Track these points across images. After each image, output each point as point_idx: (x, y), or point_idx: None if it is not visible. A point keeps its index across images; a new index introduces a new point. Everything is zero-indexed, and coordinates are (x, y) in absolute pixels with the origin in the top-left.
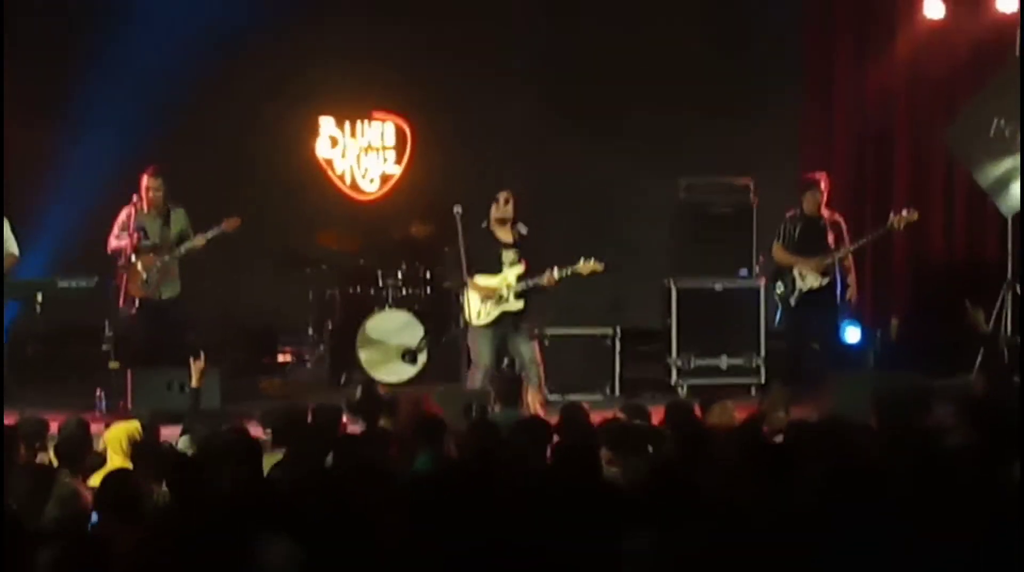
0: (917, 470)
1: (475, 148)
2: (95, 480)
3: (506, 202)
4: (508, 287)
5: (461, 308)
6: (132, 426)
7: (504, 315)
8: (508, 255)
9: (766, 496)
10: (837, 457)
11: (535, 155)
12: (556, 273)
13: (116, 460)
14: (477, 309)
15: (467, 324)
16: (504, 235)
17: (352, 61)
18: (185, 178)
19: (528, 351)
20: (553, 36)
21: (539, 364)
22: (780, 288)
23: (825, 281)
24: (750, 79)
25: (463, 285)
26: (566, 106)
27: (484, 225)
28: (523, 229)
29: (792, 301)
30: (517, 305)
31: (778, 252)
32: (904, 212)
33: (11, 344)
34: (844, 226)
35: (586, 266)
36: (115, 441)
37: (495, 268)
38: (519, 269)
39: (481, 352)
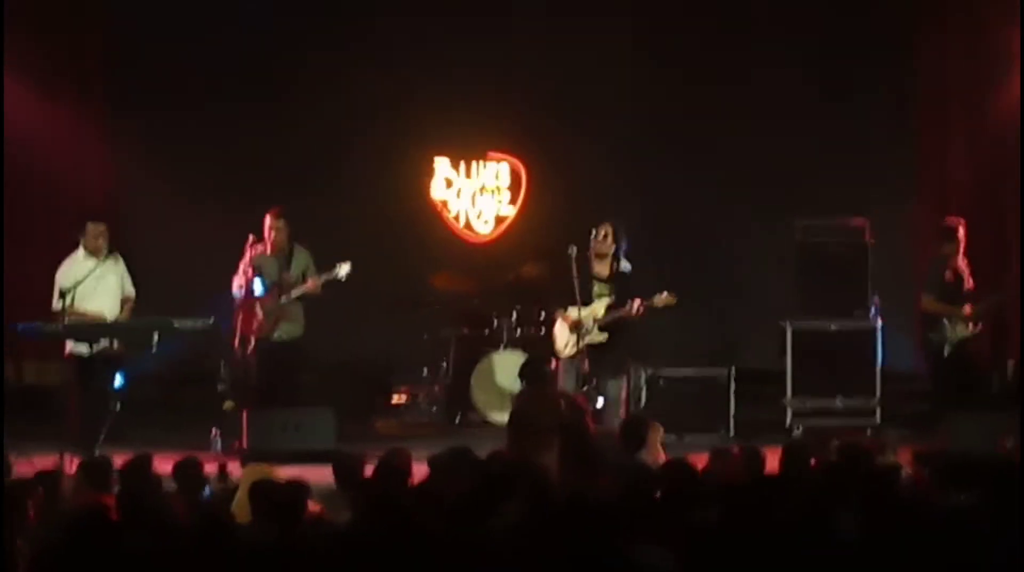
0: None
1: (588, 190)
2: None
3: (604, 236)
4: (594, 320)
5: (552, 340)
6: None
7: (589, 348)
8: (601, 288)
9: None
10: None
11: (648, 197)
12: (639, 305)
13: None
14: (565, 340)
15: (556, 357)
16: (601, 269)
17: (468, 103)
18: (301, 219)
19: (614, 389)
20: (663, 76)
21: (623, 404)
22: (935, 337)
23: (977, 329)
24: (865, 118)
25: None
26: (678, 146)
27: (586, 253)
28: (626, 266)
29: (945, 351)
30: (600, 337)
31: (928, 302)
32: None
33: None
34: (968, 272)
35: (660, 299)
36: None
37: (587, 301)
38: (607, 302)
39: (566, 385)
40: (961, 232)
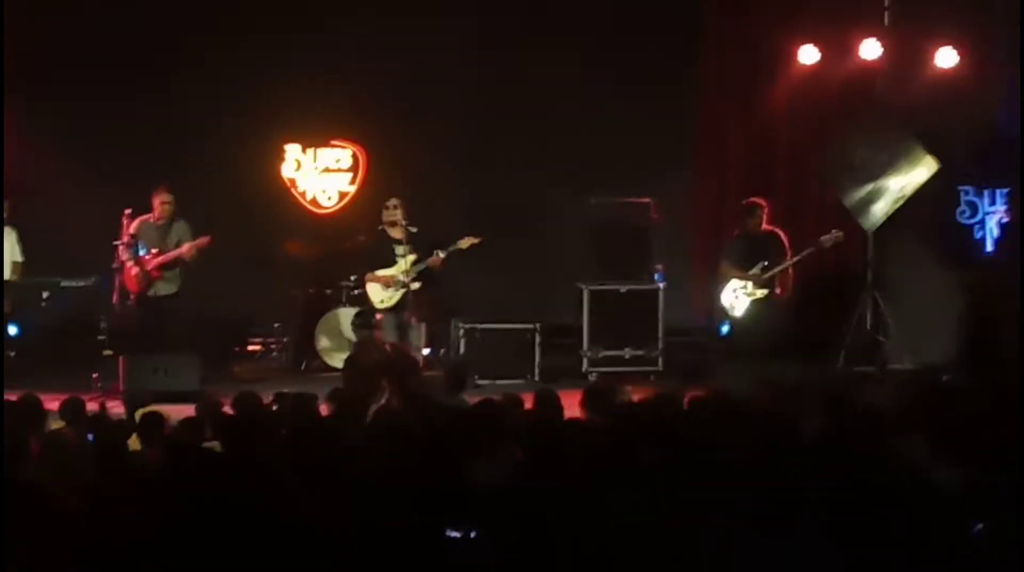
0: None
1: (418, 169)
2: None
3: (395, 207)
4: (405, 273)
5: (366, 301)
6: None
7: (404, 298)
8: (400, 249)
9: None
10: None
11: (470, 176)
12: (442, 254)
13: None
14: (380, 297)
15: (374, 314)
16: (396, 233)
17: (314, 97)
18: (176, 194)
19: (416, 340)
20: (481, 71)
21: (421, 353)
22: (726, 301)
23: (765, 292)
24: (653, 107)
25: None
26: (496, 132)
27: (380, 227)
28: (412, 228)
29: (737, 313)
30: (416, 285)
31: (725, 270)
32: (832, 233)
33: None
34: (784, 238)
35: (465, 242)
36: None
37: (391, 262)
38: (412, 257)
39: (389, 336)
40: (763, 210)
